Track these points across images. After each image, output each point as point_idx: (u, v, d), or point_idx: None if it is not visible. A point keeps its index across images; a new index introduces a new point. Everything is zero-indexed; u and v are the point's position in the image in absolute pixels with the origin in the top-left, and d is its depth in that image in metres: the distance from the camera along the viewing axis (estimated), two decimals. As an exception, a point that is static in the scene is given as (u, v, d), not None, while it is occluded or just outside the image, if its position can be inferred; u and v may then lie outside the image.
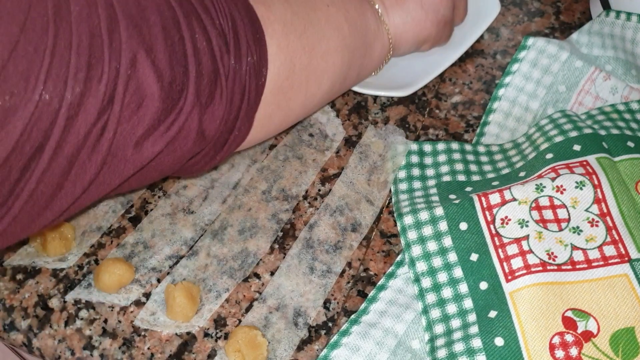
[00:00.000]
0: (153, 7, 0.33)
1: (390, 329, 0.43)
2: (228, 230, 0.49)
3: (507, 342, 0.40)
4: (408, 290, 0.45)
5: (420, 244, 0.45)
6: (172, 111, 0.34)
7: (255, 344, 0.42)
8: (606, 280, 0.41)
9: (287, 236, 0.48)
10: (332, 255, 0.47)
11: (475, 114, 0.55)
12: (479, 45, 0.60)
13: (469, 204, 0.45)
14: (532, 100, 0.53)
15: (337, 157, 0.53)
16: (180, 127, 0.34)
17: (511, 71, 0.54)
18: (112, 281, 0.45)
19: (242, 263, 0.47)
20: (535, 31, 0.61)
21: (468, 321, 0.42)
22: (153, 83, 0.32)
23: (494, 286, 0.42)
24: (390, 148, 0.52)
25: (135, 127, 0.32)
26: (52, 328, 0.44)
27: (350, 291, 0.46)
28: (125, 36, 0.31)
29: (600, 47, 0.56)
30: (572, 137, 0.48)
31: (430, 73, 0.55)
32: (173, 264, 0.47)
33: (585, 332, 0.40)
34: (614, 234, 0.43)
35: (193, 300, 0.44)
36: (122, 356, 0.43)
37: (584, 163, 0.46)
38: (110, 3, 0.31)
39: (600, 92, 0.53)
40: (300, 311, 0.45)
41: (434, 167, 0.50)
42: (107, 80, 0.30)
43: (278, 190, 0.51)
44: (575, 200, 0.44)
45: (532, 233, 0.43)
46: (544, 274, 0.41)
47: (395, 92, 0.54)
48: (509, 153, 0.51)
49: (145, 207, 0.50)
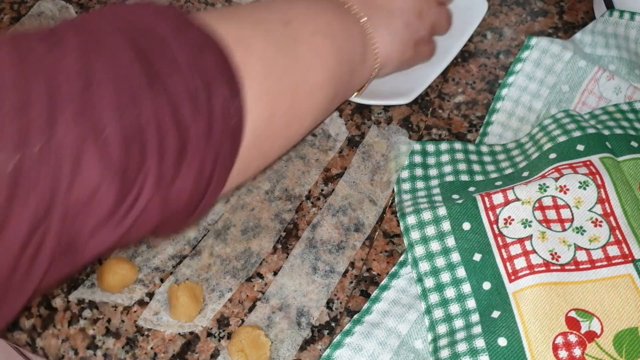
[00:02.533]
0: (110, 79, 0.28)
1: (393, 329, 0.43)
2: (231, 230, 0.49)
3: (510, 342, 0.40)
4: (411, 290, 0.45)
5: (423, 244, 0.45)
6: (128, 197, 0.29)
7: (258, 344, 0.42)
8: (610, 281, 0.41)
9: (290, 236, 0.48)
10: (335, 255, 0.47)
11: (479, 113, 0.55)
12: (482, 45, 0.60)
13: (472, 204, 0.45)
14: (536, 100, 0.53)
15: (340, 157, 0.53)
16: (141, 211, 0.30)
17: (514, 71, 0.54)
18: (116, 281, 0.45)
19: (245, 263, 0.47)
20: (538, 31, 0.61)
21: (471, 321, 0.42)
22: (100, 177, 0.27)
23: (497, 286, 0.42)
24: (393, 148, 0.52)
25: (83, 225, 0.28)
26: (56, 327, 0.44)
27: (353, 291, 0.46)
28: (67, 128, 0.25)
29: (604, 46, 0.55)
30: (575, 137, 0.48)
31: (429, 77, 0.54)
32: (176, 264, 0.47)
33: (589, 333, 0.40)
34: (617, 234, 0.43)
35: (196, 300, 0.44)
36: (126, 356, 0.43)
37: (587, 163, 0.46)
38: (50, 85, 0.25)
39: (604, 92, 0.53)
40: (303, 311, 0.45)
41: (437, 167, 0.50)
42: (42, 194, 0.25)
43: (281, 190, 0.51)
44: (578, 200, 0.44)
45: (536, 233, 0.43)
46: (547, 274, 0.41)
47: (395, 100, 0.53)
48: (512, 153, 0.51)
49: (149, 207, 0.50)
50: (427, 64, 0.55)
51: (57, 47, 0.27)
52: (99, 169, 0.27)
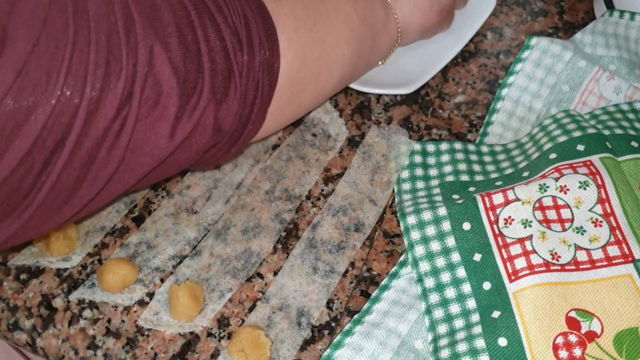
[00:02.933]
0: (167, 8, 0.34)
1: (393, 329, 0.43)
2: (231, 230, 0.49)
3: (511, 342, 0.40)
4: (411, 290, 0.45)
5: (423, 244, 0.45)
6: (188, 107, 0.34)
7: (258, 344, 0.42)
8: (610, 281, 0.41)
9: (290, 236, 0.48)
10: (335, 255, 0.47)
11: (479, 113, 0.55)
12: (482, 44, 0.60)
13: (472, 204, 0.45)
14: (536, 100, 0.53)
15: (340, 157, 0.53)
16: (197, 123, 0.35)
17: (514, 71, 0.54)
18: (116, 281, 0.45)
19: (245, 263, 0.47)
20: (538, 31, 0.61)
21: (471, 321, 0.42)
22: (170, 79, 0.33)
23: (498, 286, 0.42)
24: (394, 148, 0.52)
25: (153, 123, 0.33)
26: (56, 328, 0.44)
27: (354, 291, 0.46)
28: (141, 34, 0.32)
29: (604, 46, 0.55)
30: (575, 137, 0.48)
31: (433, 68, 0.55)
32: (176, 264, 0.47)
33: (589, 333, 0.40)
34: (617, 234, 0.43)
35: (196, 300, 0.44)
36: (126, 356, 0.43)
37: (587, 163, 0.46)
38: (126, 3, 0.32)
39: (604, 92, 0.53)
40: (304, 311, 0.45)
41: (437, 167, 0.50)
42: (126, 77, 0.31)
43: (281, 190, 0.51)
44: (578, 200, 0.44)
45: (536, 233, 0.43)
46: (547, 274, 0.41)
47: (398, 89, 0.54)
48: (513, 153, 0.51)
49: (149, 207, 0.50)
50: (431, 56, 0.56)
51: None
52: (168, 71, 0.33)
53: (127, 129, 0.32)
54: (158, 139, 0.34)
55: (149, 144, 0.34)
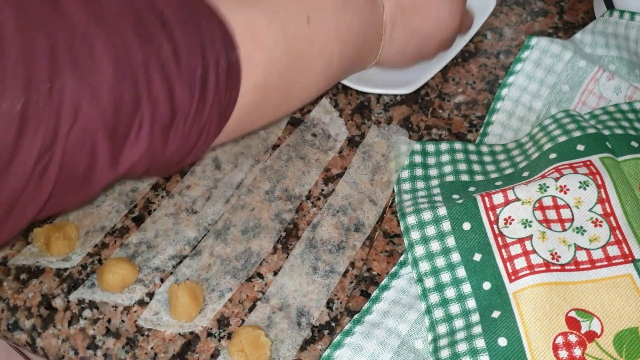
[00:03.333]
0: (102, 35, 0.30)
1: (393, 329, 0.43)
2: (231, 230, 0.49)
3: (511, 342, 0.40)
4: (411, 290, 0.45)
5: (423, 244, 0.45)
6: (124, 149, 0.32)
7: (258, 344, 0.42)
8: (610, 281, 0.41)
9: (290, 236, 0.48)
10: (335, 255, 0.47)
11: (479, 113, 0.55)
12: (482, 44, 0.60)
13: (472, 204, 0.45)
14: (536, 100, 0.53)
15: (340, 157, 0.53)
16: (133, 164, 0.33)
17: (514, 71, 0.54)
18: (116, 281, 0.45)
19: (245, 263, 0.47)
20: (538, 31, 0.61)
21: (471, 321, 0.42)
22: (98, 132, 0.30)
23: (498, 286, 0.42)
24: (394, 148, 0.52)
25: (84, 159, 0.31)
26: (56, 328, 0.44)
27: (353, 291, 0.46)
28: (67, 79, 0.29)
29: (604, 46, 0.55)
30: (575, 137, 0.48)
31: (433, 68, 0.55)
32: (176, 264, 0.47)
33: (589, 333, 0.40)
34: (617, 234, 0.43)
35: (196, 300, 0.44)
36: (126, 356, 0.43)
37: (587, 163, 0.46)
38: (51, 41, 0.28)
39: (604, 92, 0.53)
40: (304, 311, 0.45)
41: (437, 167, 0.50)
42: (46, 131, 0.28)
43: (281, 190, 0.51)
44: (578, 200, 0.44)
45: (536, 233, 0.43)
46: (547, 274, 0.41)
47: (398, 89, 0.54)
48: (512, 153, 0.51)
49: (149, 207, 0.50)
50: None
51: (57, 6, 0.30)
52: (94, 118, 0.30)
53: (51, 173, 0.30)
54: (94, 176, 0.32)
55: (84, 178, 0.32)
